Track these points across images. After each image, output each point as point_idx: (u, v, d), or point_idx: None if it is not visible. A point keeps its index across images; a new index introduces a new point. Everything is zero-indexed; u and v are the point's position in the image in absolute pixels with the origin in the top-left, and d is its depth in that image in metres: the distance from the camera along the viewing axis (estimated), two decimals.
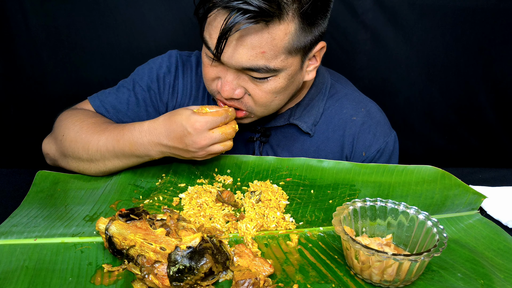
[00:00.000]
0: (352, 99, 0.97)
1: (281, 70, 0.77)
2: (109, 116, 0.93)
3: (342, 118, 0.94)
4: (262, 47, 0.73)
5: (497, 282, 0.59)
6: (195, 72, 0.97)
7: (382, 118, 0.97)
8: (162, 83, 0.96)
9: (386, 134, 0.95)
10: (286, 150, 0.95)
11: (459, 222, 0.75)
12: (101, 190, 0.81)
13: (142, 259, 0.57)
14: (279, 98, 0.82)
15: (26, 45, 1.27)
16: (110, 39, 1.29)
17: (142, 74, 0.96)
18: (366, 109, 0.96)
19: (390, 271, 0.56)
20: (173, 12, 1.27)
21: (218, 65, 0.79)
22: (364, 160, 0.94)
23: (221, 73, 0.79)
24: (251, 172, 0.86)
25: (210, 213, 0.73)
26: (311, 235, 0.70)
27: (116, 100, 0.94)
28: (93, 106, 0.94)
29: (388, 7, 1.27)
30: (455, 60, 1.33)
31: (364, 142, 0.94)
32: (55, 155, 0.88)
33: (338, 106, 0.95)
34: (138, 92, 0.95)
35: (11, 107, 1.35)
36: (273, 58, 0.74)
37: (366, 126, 0.94)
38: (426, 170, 0.83)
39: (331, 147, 0.95)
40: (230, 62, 0.75)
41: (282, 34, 0.73)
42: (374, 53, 1.32)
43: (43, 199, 0.78)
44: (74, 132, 0.84)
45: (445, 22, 1.28)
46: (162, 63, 0.96)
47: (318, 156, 0.94)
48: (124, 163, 0.82)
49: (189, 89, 0.97)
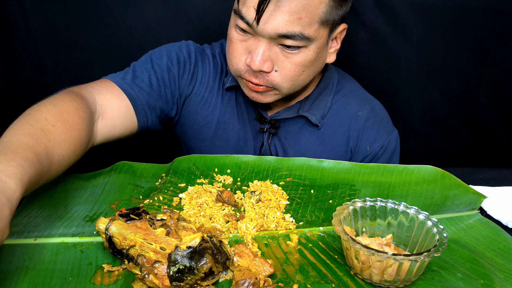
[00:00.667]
0: (357, 95, 1.00)
1: (313, 41, 0.79)
2: (134, 94, 0.86)
3: (348, 113, 0.97)
4: (299, 13, 0.74)
5: (497, 282, 0.59)
6: (212, 63, 0.97)
7: (385, 115, 1.00)
8: (182, 67, 0.94)
9: (389, 131, 0.97)
10: (293, 143, 0.97)
11: (459, 222, 0.75)
12: (100, 190, 0.80)
13: (142, 259, 0.57)
14: (306, 73, 0.84)
15: (26, 45, 1.27)
16: (110, 39, 1.29)
17: (160, 54, 0.93)
18: (371, 106, 0.99)
19: (390, 271, 0.56)
20: (173, 12, 1.27)
21: (248, 39, 0.80)
22: (367, 155, 0.96)
23: (251, 46, 0.80)
24: (251, 172, 0.86)
25: (210, 213, 0.73)
26: (311, 235, 0.70)
27: (137, 79, 0.88)
28: (115, 82, 0.86)
29: (388, 7, 1.26)
30: (455, 60, 1.33)
31: (368, 137, 0.96)
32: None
33: (344, 102, 0.98)
34: (157, 71, 0.91)
35: (11, 107, 1.35)
36: (308, 25, 0.76)
37: (371, 122, 0.97)
38: (426, 170, 0.83)
39: (337, 140, 0.97)
40: (266, 29, 0.75)
41: (318, 1, 0.75)
42: (374, 53, 1.32)
43: (43, 199, 0.78)
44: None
45: (445, 22, 1.28)
46: (182, 48, 0.95)
47: (324, 149, 0.97)
48: None
49: (207, 79, 0.97)
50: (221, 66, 0.99)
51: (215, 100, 0.98)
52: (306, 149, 0.98)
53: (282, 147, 0.98)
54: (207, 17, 1.26)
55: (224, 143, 1.00)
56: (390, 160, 0.99)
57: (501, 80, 1.35)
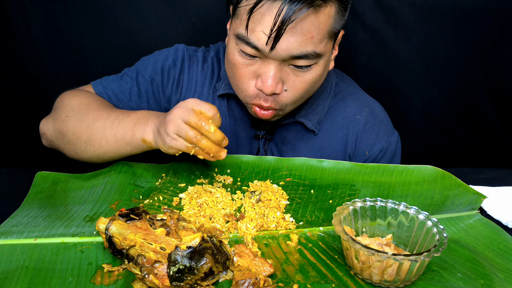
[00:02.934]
0: (356, 98, 0.97)
1: (323, 56, 0.77)
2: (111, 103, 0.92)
3: (345, 117, 0.95)
4: (311, 32, 0.73)
5: (497, 282, 0.59)
6: (201, 68, 0.96)
7: (385, 118, 0.97)
8: (166, 76, 0.94)
9: (389, 134, 0.95)
10: (290, 148, 0.95)
11: (459, 222, 0.75)
12: (100, 190, 0.80)
13: (142, 259, 0.57)
14: (313, 88, 0.83)
15: (26, 45, 1.27)
16: (110, 39, 1.29)
17: (147, 64, 0.95)
18: (370, 109, 0.96)
19: (390, 271, 0.56)
20: (173, 12, 1.27)
21: (255, 62, 0.77)
22: (367, 159, 0.94)
23: (260, 70, 0.77)
24: (251, 172, 0.86)
25: (210, 213, 0.73)
26: (311, 235, 0.70)
27: (118, 89, 0.93)
28: (95, 91, 0.93)
29: (388, 7, 1.26)
30: (455, 60, 1.33)
31: (367, 141, 0.94)
32: (52, 135, 0.86)
33: (342, 105, 0.96)
34: (141, 83, 0.94)
35: (11, 107, 1.35)
36: (320, 42, 0.75)
37: (369, 125, 0.94)
38: (426, 170, 0.83)
39: (334, 145, 0.95)
40: (279, 52, 0.73)
41: (326, 17, 0.73)
42: (374, 53, 1.32)
43: (43, 199, 0.78)
44: (79, 113, 0.82)
45: (445, 22, 1.28)
46: (168, 56, 0.95)
47: (322, 154, 0.95)
48: (120, 147, 0.79)
49: (194, 84, 0.96)
50: (212, 70, 0.97)
51: None
52: (303, 155, 0.95)
53: (278, 153, 0.97)
54: (207, 17, 1.26)
55: None
56: (391, 163, 0.97)
57: (501, 80, 1.35)
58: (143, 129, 0.76)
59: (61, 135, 0.84)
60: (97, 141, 0.80)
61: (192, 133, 0.69)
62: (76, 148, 0.83)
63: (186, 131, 0.69)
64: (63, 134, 0.83)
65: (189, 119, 0.69)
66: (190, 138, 0.70)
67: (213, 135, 0.70)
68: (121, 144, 0.79)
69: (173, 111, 0.70)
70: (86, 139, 0.81)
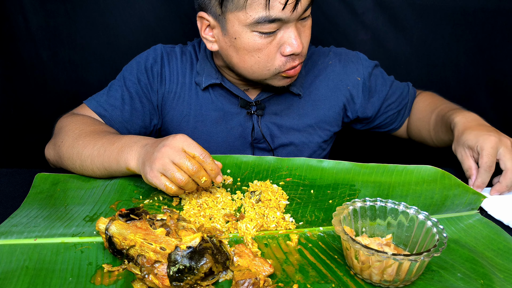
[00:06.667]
0: (321, 52, 1.06)
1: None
2: (108, 115, 0.95)
3: (320, 69, 1.03)
4: None
5: (497, 282, 0.59)
6: (180, 60, 1.01)
7: (343, 50, 1.07)
8: (150, 72, 0.99)
9: (356, 60, 1.04)
10: (285, 115, 1.02)
11: (459, 222, 0.75)
12: (101, 190, 0.81)
13: (142, 259, 0.57)
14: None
15: (26, 45, 1.27)
16: (110, 39, 1.29)
17: (131, 69, 0.99)
18: (332, 51, 1.06)
19: (390, 271, 0.56)
20: (173, 12, 1.27)
21: (275, 35, 0.83)
22: (358, 93, 1.03)
23: (284, 37, 0.83)
24: (251, 172, 0.86)
25: (210, 213, 0.73)
26: (311, 235, 0.70)
27: (111, 99, 0.97)
28: (90, 107, 0.96)
29: (388, 7, 1.27)
30: (455, 60, 1.33)
31: (342, 77, 1.03)
32: (54, 160, 0.90)
33: (312, 63, 1.04)
34: (129, 86, 0.98)
35: (11, 107, 1.35)
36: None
37: (342, 63, 1.03)
38: (426, 170, 0.83)
39: (327, 97, 1.03)
40: (299, 11, 0.80)
41: None
42: (374, 53, 1.32)
43: (43, 200, 0.78)
44: (72, 138, 0.85)
45: (445, 22, 1.28)
46: (148, 56, 1.00)
47: (319, 112, 1.02)
48: (110, 174, 0.82)
49: (176, 75, 1.01)
50: (191, 62, 1.02)
51: (188, 95, 1.01)
52: (301, 118, 1.02)
53: (275, 124, 1.01)
54: None
55: (207, 136, 1.02)
56: (383, 77, 1.06)
57: (501, 80, 1.35)
58: (126, 157, 0.77)
59: (60, 160, 0.87)
60: (89, 167, 0.82)
61: (178, 175, 0.68)
62: (76, 171, 0.86)
63: (172, 171, 0.68)
64: (62, 159, 0.87)
65: (181, 163, 0.68)
66: (176, 180, 0.69)
67: (203, 183, 0.71)
68: (110, 171, 0.81)
69: (162, 149, 0.69)
70: (80, 166, 0.84)
